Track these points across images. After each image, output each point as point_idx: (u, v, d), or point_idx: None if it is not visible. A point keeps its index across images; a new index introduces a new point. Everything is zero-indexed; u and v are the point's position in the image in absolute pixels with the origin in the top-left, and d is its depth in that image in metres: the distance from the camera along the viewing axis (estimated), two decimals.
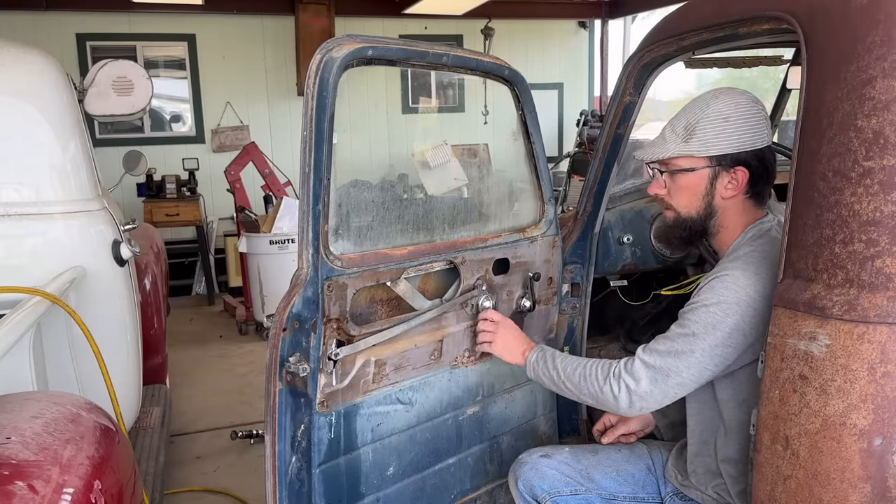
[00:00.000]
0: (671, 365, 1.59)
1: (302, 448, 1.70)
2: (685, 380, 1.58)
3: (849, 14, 1.24)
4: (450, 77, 8.69)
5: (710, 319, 1.54)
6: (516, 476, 1.89)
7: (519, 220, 2.21)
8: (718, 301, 1.54)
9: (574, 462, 1.88)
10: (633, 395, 1.61)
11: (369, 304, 1.86)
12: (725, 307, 1.53)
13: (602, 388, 1.66)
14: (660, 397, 1.61)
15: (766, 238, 1.62)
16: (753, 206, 1.67)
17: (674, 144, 1.64)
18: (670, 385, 1.60)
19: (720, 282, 1.55)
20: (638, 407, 1.63)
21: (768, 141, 1.62)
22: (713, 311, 1.54)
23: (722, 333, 1.53)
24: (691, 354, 1.56)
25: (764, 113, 1.62)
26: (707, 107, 1.60)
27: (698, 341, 1.56)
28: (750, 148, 1.58)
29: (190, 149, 7.70)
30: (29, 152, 2.38)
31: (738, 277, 1.53)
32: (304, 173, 1.60)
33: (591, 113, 8.35)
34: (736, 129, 1.57)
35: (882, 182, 1.17)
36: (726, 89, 1.63)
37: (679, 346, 1.59)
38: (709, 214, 1.65)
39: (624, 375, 1.63)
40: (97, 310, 2.44)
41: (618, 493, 1.84)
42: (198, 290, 7.37)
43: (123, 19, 7.57)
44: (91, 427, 1.50)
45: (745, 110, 1.58)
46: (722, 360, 1.56)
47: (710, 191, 1.63)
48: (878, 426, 1.18)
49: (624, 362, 1.66)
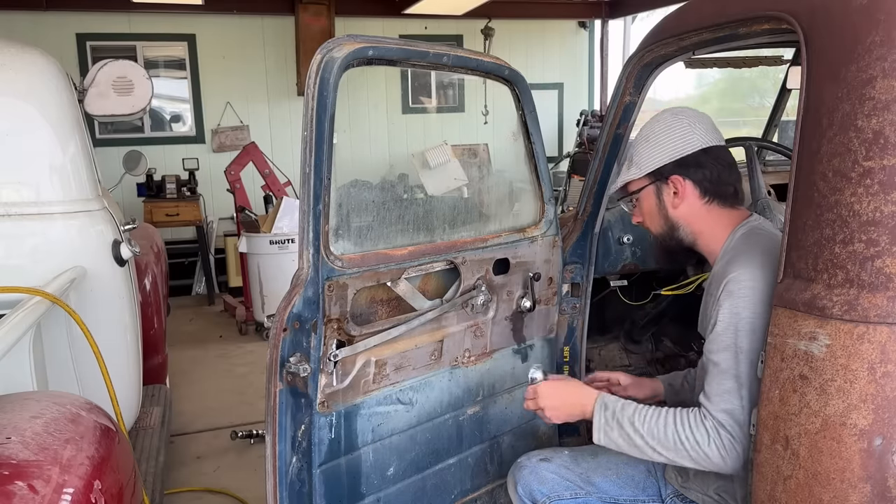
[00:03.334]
0: (747, 397, 1.49)
1: (302, 448, 1.70)
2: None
3: (849, 14, 1.24)
4: (450, 77, 8.69)
5: (746, 326, 1.49)
6: (515, 480, 1.87)
7: (519, 220, 2.21)
8: (745, 305, 1.49)
9: (574, 465, 1.85)
10: (732, 451, 1.49)
11: (370, 304, 1.86)
12: (752, 307, 1.48)
13: (707, 454, 1.53)
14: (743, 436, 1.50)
15: (759, 234, 1.62)
16: (723, 208, 1.69)
17: (622, 175, 1.81)
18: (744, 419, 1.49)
19: (736, 284, 1.51)
20: (739, 459, 1.51)
21: (703, 144, 1.67)
22: (744, 315, 1.49)
23: (762, 333, 1.46)
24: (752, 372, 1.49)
25: (690, 121, 1.70)
26: (636, 136, 1.77)
27: (742, 354, 1.49)
28: (679, 156, 1.67)
29: (190, 149, 7.70)
30: (29, 152, 2.38)
31: (755, 274, 1.50)
32: (305, 173, 1.60)
33: (592, 113, 8.35)
34: (658, 144, 1.70)
35: (882, 182, 1.17)
36: (656, 114, 1.76)
37: (737, 371, 1.50)
38: (672, 227, 1.74)
39: (721, 434, 1.51)
40: (97, 310, 2.44)
41: (618, 496, 1.82)
42: (198, 290, 7.37)
43: (123, 19, 7.56)
44: (91, 427, 1.50)
45: (665, 125, 1.71)
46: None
47: (661, 205, 1.74)
48: (878, 426, 1.18)
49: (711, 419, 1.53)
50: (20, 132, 2.36)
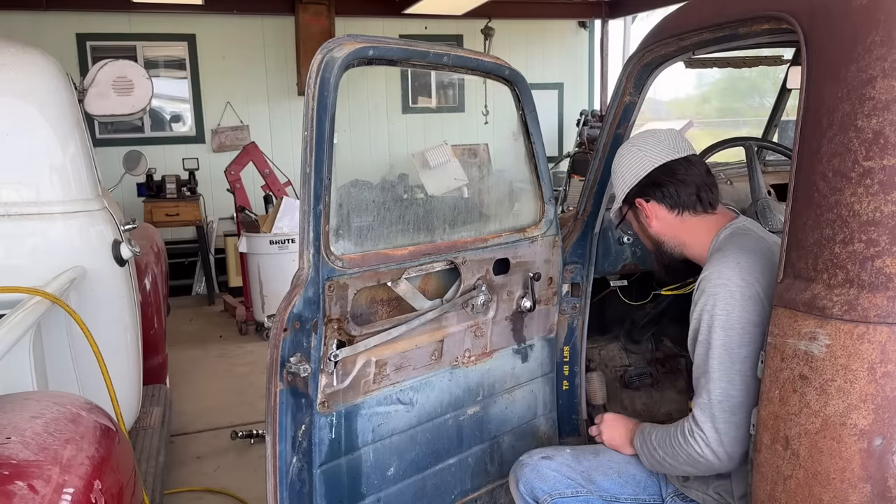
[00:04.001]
0: (716, 391, 1.54)
1: (303, 448, 1.70)
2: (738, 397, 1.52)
3: (849, 14, 1.24)
4: (450, 77, 8.69)
5: (717, 322, 1.54)
6: (517, 478, 1.89)
7: (519, 220, 2.21)
8: (715, 302, 1.55)
9: (575, 464, 1.87)
10: (712, 445, 1.55)
11: (370, 304, 1.86)
12: (724, 304, 1.54)
13: (690, 453, 1.60)
14: (733, 431, 1.54)
15: (741, 235, 1.67)
16: (697, 215, 1.76)
17: (612, 208, 1.97)
18: (728, 411, 1.53)
19: (707, 282, 1.59)
20: (724, 454, 1.55)
21: (656, 163, 1.77)
22: (715, 312, 1.55)
23: (734, 331, 1.53)
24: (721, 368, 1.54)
25: (640, 145, 1.81)
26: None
27: (713, 350, 1.54)
28: (636, 180, 1.81)
29: (190, 149, 7.70)
30: (29, 152, 2.38)
31: (724, 272, 1.56)
32: (305, 173, 1.60)
33: (592, 113, 8.35)
34: (619, 175, 1.86)
35: (882, 182, 1.17)
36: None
37: (707, 367, 1.56)
38: (658, 243, 1.85)
39: (696, 431, 1.57)
40: (97, 310, 2.44)
41: (619, 494, 1.83)
42: (198, 290, 7.37)
43: (123, 19, 7.56)
44: (91, 427, 1.50)
45: (620, 156, 1.87)
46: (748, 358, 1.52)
47: (642, 227, 1.88)
48: (878, 426, 1.18)
49: (689, 418, 1.61)
50: (20, 132, 2.36)
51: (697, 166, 1.79)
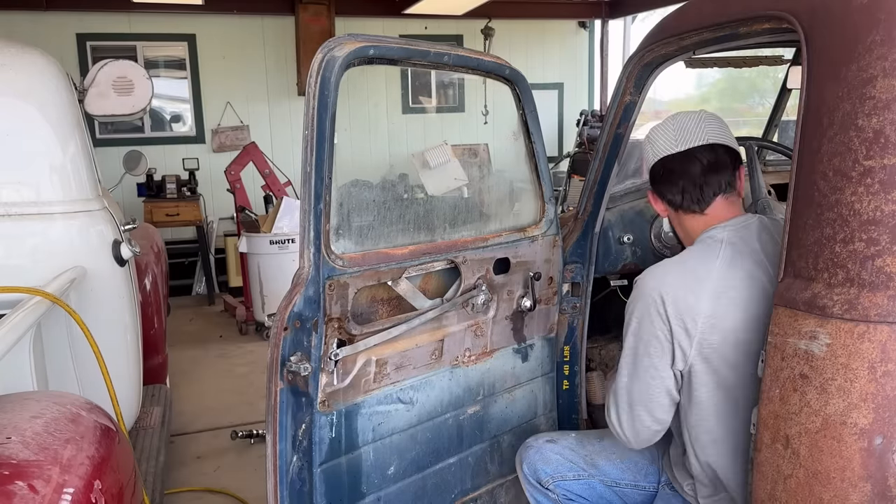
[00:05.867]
0: (620, 384, 1.66)
1: (303, 447, 1.70)
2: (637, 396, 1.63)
3: (849, 13, 1.24)
4: (450, 77, 8.69)
5: (630, 323, 1.63)
6: (521, 459, 1.94)
7: (519, 220, 2.21)
8: (634, 309, 1.63)
9: (579, 448, 1.91)
10: (615, 425, 1.70)
11: (370, 303, 1.86)
12: (639, 308, 1.61)
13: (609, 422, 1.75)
14: (629, 421, 1.66)
15: (704, 241, 1.64)
16: (689, 214, 1.71)
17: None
18: (627, 404, 1.65)
19: (636, 286, 1.65)
20: (625, 436, 1.69)
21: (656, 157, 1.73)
22: (631, 310, 1.64)
23: (641, 340, 1.60)
24: (626, 366, 1.64)
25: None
26: None
27: (626, 349, 1.64)
28: (646, 174, 1.82)
29: (190, 149, 7.70)
30: (29, 152, 2.38)
31: (647, 282, 1.62)
32: (306, 172, 1.60)
33: (592, 113, 8.35)
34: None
35: (882, 181, 1.17)
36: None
37: (619, 359, 1.66)
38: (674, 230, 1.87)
39: (608, 408, 1.72)
40: (97, 310, 2.44)
41: (620, 479, 1.87)
42: (198, 290, 7.37)
43: (123, 19, 7.56)
44: (91, 427, 1.50)
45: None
46: (657, 370, 1.59)
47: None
48: (878, 425, 1.18)
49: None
50: (20, 132, 2.36)
51: (696, 162, 1.65)
